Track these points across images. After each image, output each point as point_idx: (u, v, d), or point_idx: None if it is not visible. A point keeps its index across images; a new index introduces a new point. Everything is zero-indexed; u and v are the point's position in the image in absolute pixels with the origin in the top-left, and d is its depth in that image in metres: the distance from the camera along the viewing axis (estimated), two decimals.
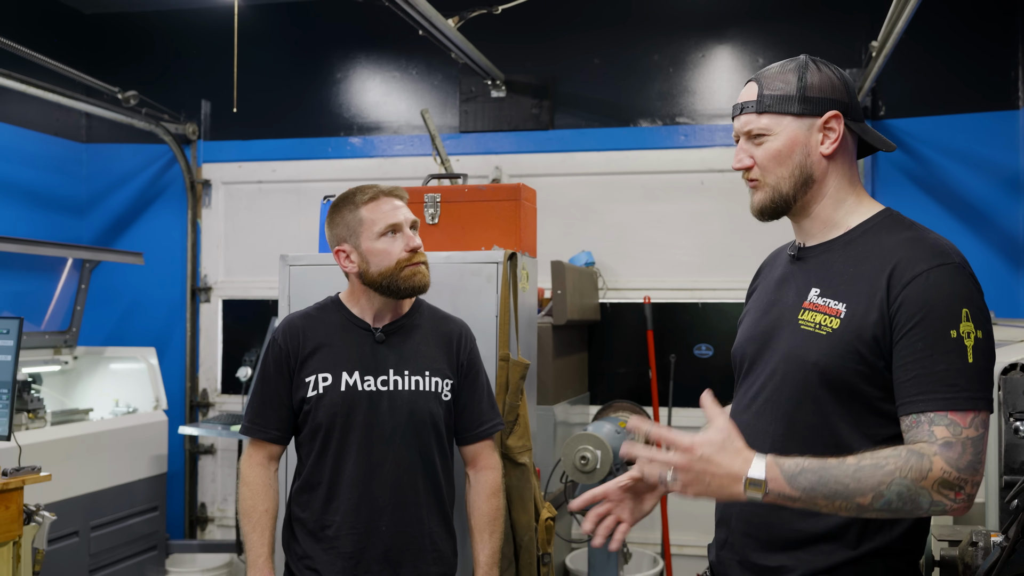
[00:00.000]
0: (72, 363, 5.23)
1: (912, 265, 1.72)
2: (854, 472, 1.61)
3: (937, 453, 1.61)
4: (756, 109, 1.87)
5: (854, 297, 1.77)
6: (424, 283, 2.66)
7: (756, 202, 1.91)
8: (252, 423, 2.69)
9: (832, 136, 1.86)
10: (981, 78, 5.00)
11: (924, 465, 1.60)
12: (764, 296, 1.99)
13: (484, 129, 5.63)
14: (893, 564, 1.76)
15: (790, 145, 1.85)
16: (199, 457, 6.03)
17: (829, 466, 1.62)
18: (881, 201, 1.92)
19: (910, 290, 1.70)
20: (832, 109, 1.85)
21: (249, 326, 5.87)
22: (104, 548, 4.63)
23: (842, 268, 1.82)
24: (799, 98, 1.85)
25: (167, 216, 6.08)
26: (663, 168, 5.38)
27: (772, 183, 1.87)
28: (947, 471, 1.60)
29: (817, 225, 1.90)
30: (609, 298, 5.39)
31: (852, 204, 1.89)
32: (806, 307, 1.83)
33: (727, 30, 5.38)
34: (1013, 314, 4.69)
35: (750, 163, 1.89)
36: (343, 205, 2.67)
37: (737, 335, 2.06)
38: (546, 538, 3.18)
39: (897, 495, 1.59)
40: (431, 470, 2.66)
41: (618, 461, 3.87)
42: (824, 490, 1.61)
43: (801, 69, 1.87)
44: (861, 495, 1.60)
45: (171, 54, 6.11)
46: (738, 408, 1.96)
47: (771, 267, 2.07)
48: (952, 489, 1.60)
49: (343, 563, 2.56)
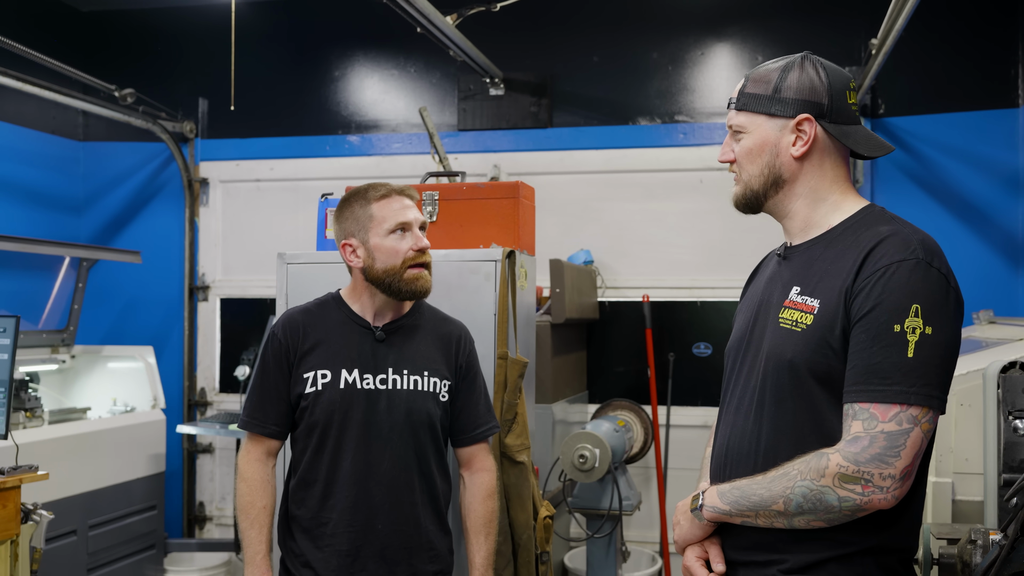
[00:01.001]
0: (70, 362, 5.22)
1: (876, 260, 1.73)
2: (768, 482, 1.72)
3: (838, 450, 1.67)
4: (736, 106, 1.94)
5: (826, 293, 1.78)
6: (426, 289, 2.66)
7: (734, 195, 1.99)
8: (251, 417, 2.67)
9: (803, 138, 1.86)
10: (981, 76, 5.00)
11: (822, 463, 1.67)
12: (754, 296, 2.01)
13: (482, 127, 5.62)
14: (885, 561, 1.76)
15: (760, 144, 1.90)
16: (197, 456, 6.03)
17: (753, 480, 1.75)
18: (880, 200, 1.94)
19: (868, 283, 1.71)
20: (804, 112, 1.85)
21: (247, 325, 5.87)
22: (102, 547, 4.63)
23: (820, 266, 1.83)
24: (772, 99, 1.87)
25: (165, 214, 6.07)
26: (662, 166, 5.37)
27: (745, 179, 1.94)
28: (844, 465, 1.65)
29: (798, 224, 1.92)
30: (608, 297, 5.38)
31: (833, 203, 1.89)
32: (786, 305, 1.84)
33: (726, 28, 5.37)
34: (1012, 312, 4.68)
35: (732, 157, 1.97)
36: (354, 200, 2.67)
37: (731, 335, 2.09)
38: (544, 536, 3.18)
39: (803, 496, 1.67)
40: (427, 469, 2.65)
41: (616, 460, 3.87)
42: (747, 503, 1.74)
43: (784, 70, 1.88)
44: (774, 502, 1.71)
45: (168, 52, 6.10)
46: (725, 407, 1.97)
47: (764, 267, 2.08)
48: (855, 483, 1.65)
49: (339, 561, 2.56)
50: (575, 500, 4.01)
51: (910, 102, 5.10)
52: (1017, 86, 4.91)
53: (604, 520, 3.91)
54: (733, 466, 1.87)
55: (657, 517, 5.11)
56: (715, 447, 1.97)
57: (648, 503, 5.12)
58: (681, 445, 5.14)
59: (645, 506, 5.04)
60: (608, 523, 3.91)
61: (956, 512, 2.84)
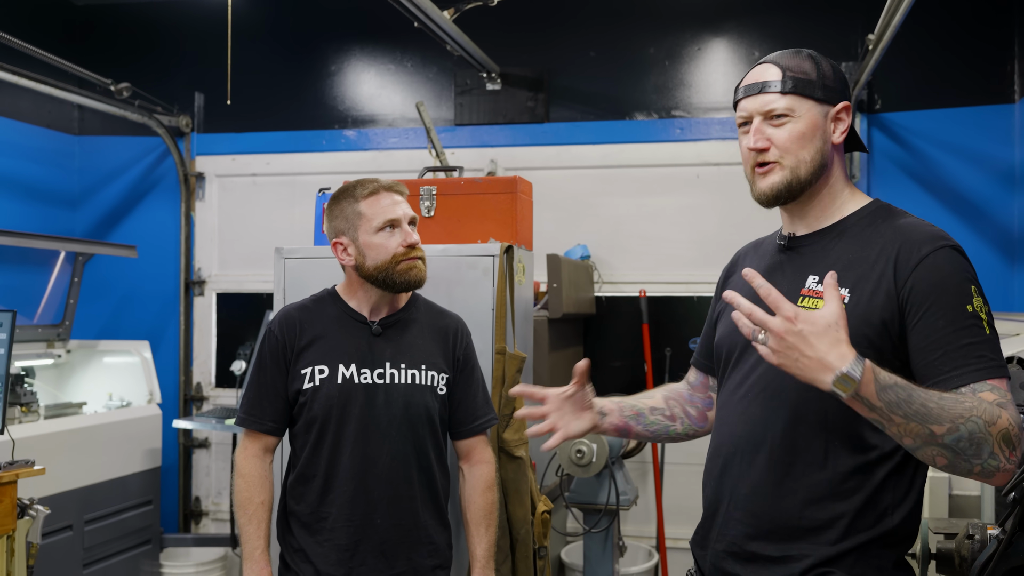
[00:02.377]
0: (65, 356, 5.21)
1: (915, 249, 1.74)
2: (939, 400, 1.58)
3: (1003, 406, 1.61)
4: (780, 89, 1.84)
5: (856, 283, 1.77)
6: (420, 278, 2.65)
7: (770, 185, 1.86)
8: (248, 414, 2.67)
9: (842, 126, 1.87)
10: (977, 72, 5.00)
11: (995, 412, 1.59)
12: (749, 287, 1.98)
13: (479, 122, 5.62)
14: (893, 553, 1.78)
15: (812, 128, 1.84)
16: (193, 451, 6.02)
17: (917, 388, 1.59)
18: (876, 194, 1.96)
19: (919, 273, 1.72)
20: (844, 100, 1.86)
21: (243, 319, 5.86)
22: (98, 542, 4.62)
23: (839, 255, 1.83)
24: (820, 84, 1.84)
25: (160, 209, 6.06)
26: (659, 161, 5.37)
27: (791, 164, 1.84)
28: (1011, 424, 1.59)
29: (815, 213, 1.90)
30: (605, 291, 5.39)
31: (847, 195, 1.90)
32: (805, 294, 1.83)
33: (723, 23, 5.37)
34: (1008, 308, 4.70)
35: (767, 144, 1.86)
36: (343, 198, 2.67)
37: (718, 328, 2.06)
38: (542, 531, 3.18)
39: (969, 433, 1.57)
40: (426, 463, 2.65)
41: (613, 455, 3.87)
42: (907, 408, 1.57)
43: (815, 59, 1.87)
44: (939, 423, 1.57)
45: (164, 46, 6.08)
46: (729, 397, 1.94)
47: (752, 258, 2.05)
48: (1009, 446, 1.59)
49: (338, 555, 2.56)
50: (572, 495, 4.01)
51: (906, 97, 5.10)
52: (1013, 82, 4.92)
53: (601, 515, 3.91)
54: (743, 455, 1.85)
55: (654, 512, 5.11)
56: (720, 436, 1.95)
57: (645, 498, 5.12)
58: None
59: (642, 501, 5.04)
60: (605, 518, 3.91)
61: (953, 507, 2.85)
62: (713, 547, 1.92)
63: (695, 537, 2.01)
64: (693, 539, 2.02)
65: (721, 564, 1.90)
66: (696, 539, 2.00)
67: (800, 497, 1.77)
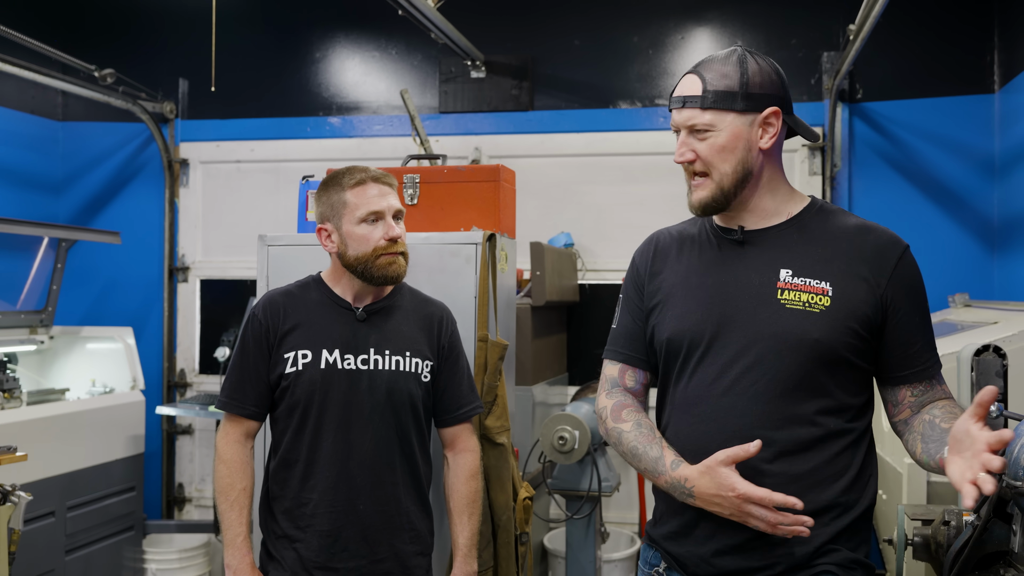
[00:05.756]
0: (48, 343, 5.20)
1: (890, 247, 1.88)
2: None
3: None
4: (700, 104, 1.87)
5: (837, 276, 1.85)
6: (399, 274, 2.64)
7: (698, 199, 1.94)
8: (230, 399, 2.67)
9: (771, 131, 1.90)
10: (957, 62, 5.03)
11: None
12: (695, 278, 1.98)
13: (464, 110, 5.61)
14: (868, 517, 1.91)
15: (734, 140, 1.88)
16: (176, 437, 6.02)
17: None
18: (858, 185, 2.03)
19: (900, 270, 1.86)
20: (772, 105, 1.88)
21: (227, 306, 5.85)
22: (81, 528, 4.62)
23: (807, 249, 1.89)
24: (742, 95, 1.86)
25: (144, 195, 6.04)
26: (642, 150, 5.38)
27: (717, 178, 1.90)
28: None
29: (759, 211, 1.95)
30: (588, 279, 5.40)
31: (786, 192, 1.97)
32: (784, 287, 1.86)
33: (706, 12, 5.38)
34: (987, 296, 4.73)
35: (693, 157, 1.91)
36: (331, 185, 2.66)
37: (667, 319, 1.99)
38: (524, 518, 3.20)
39: None
40: (409, 450, 2.66)
41: (595, 442, 3.89)
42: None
43: (742, 63, 1.88)
44: None
45: (148, 32, 6.05)
46: (705, 391, 1.90)
47: (680, 249, 2.05)
48: None
49: (320, 541, 2.57)
50: (555, 481, 4.04)
51: (887, 87, 5.13)
52: (993, 72, 4.95)
53: (583, 501, 3.94)
54: (730, 444, 1.81)
55: (636, 498, 5.14)
56: (702, 434, 1.90)
57: (627, 484, 5.15)
58: None
59: (624, 487, 5.07)
60: (587, 504, 3.94)
61: (931, 493, 2.88)
62: (692, 548, 1.93)
63: (668, 532, 1.98)
64: (666, 535, 1.99)
65: (720, 562, 1.90)
66: (673, 534, 1.97)
67: (805, 483, 1.83)
